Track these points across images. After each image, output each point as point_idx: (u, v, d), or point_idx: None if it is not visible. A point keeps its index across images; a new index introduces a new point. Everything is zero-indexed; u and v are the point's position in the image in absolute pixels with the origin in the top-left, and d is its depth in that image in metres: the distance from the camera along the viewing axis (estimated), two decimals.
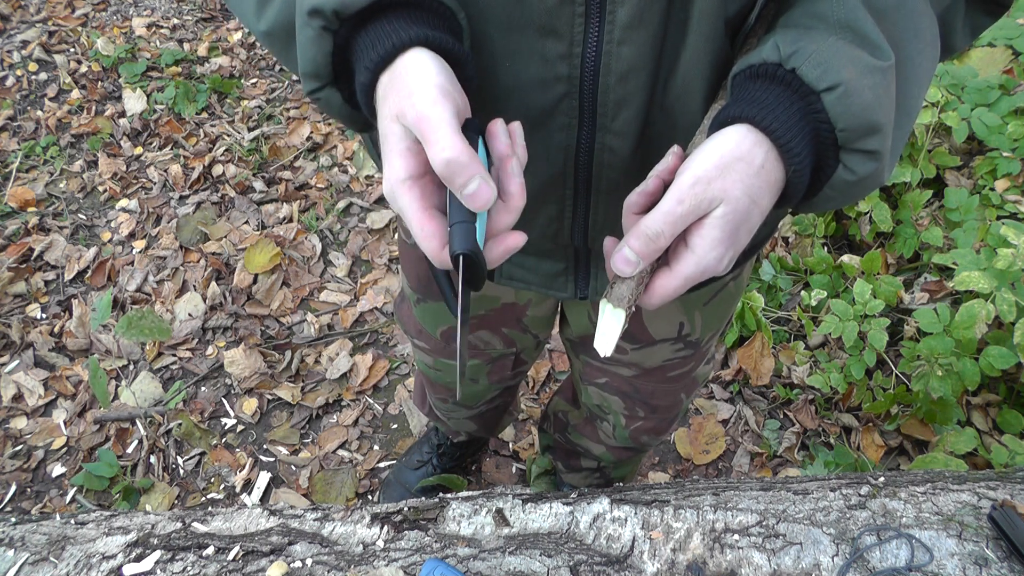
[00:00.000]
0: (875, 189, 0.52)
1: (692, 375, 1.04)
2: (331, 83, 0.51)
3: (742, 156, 0.48)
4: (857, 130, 0.47)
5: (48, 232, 2.29)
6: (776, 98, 0.48)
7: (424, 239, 0.46)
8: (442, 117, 0.44)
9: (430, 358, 1.16)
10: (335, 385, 1.91)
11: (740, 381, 1.85)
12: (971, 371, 1.44)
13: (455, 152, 0.43)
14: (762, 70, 0.50)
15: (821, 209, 0.55)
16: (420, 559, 0.77)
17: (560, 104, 0.58)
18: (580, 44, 0.54)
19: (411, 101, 0.44)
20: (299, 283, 2.14)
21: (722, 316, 0.95)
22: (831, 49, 0.47)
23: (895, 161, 0.53)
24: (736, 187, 0.48)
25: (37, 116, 2.67)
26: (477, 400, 1.29)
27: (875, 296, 1.62)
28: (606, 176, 0.64)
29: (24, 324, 2.04)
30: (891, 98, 0.48)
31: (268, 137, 2.59)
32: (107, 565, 0.79)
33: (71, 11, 3.14)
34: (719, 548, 0.77)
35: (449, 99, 0.45)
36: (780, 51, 0.49)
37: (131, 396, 1.87)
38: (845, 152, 0.48)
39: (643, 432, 1.14)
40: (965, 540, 0.75)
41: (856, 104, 0.46)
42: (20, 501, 1.72)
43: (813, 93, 0.47)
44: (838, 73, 0.47)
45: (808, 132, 0.48)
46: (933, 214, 1.78)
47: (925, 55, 0.52)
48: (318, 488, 1.72)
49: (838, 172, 0.49)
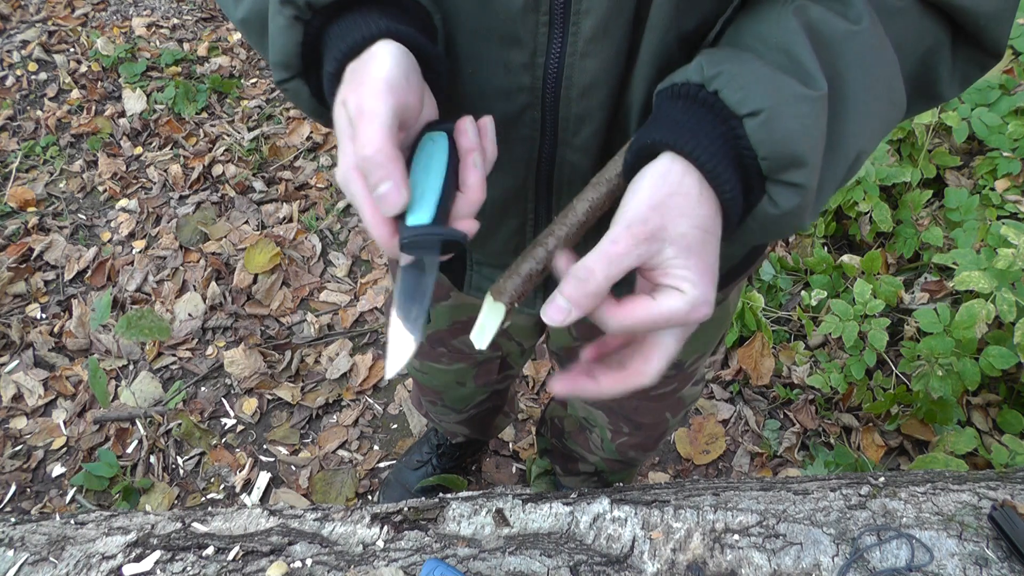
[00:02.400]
0: (793, 232, 0.49)
1: (677, 396, 1.03)
2: (300, 74, 0.50)
3: (675, 190, 0.45)
4: (780, 159, 0.44)
5: (48, 232, 2.29)
6: (698, 121, 0.46)
7: (374, 227, 0.45)
8: (376, 112, 0.43)
9: (417, 360, 1.16)
10: (335, 385, 1.91)
11: (740, 381, 1.85)
12: (971, 371, 1.44)
13: (373, 150, 0.42)
14: (684, 90, 0.47)
15: (740, 242, 0.51)
16: (420, 559, 0.77)
17: (522, 115, 0.57)
18: (543, 54, 0.52)
19: (358, 92, 0.44)
20: (299, 283, 2.14)
21: (707, 340, 0.94)
22: (755, 73, 0.45)
23: (820, 204, 0.49)
24: (679, 223, 0.45)
25: (37, 116, 2.67)
26: (466, 404, 1.29)
27: (875, 296, 1.62)
28: (567, 192, 0.62)
29: (24, 324, 2.04)
30: (821, 130, 0.45)
31: (268, 137, 2.59)
32: (107, 565, 0.79)
33: (71, 11, 3.14)
34: (719, 548, 0.77)
35: (393, 94, 0.44)
36: (704, 71, 0.46)
37: (131, 396, 1.87)
38: (771, 183, 0.46)
39: (629, 447, 1.14)
40: (965, 540, 0.74)
41: (779, 131, 0.44)
42: (20, 501, 1.72)
43: (735, 117, 0.45)
44: (761, 99, 0.44)
45: (732, 158, 0.46)
46: (933, 214, 1.78)
47: (874, 94, 0.48)
48: (318, 488, 1.72)
49: (762, 204, 0.47)
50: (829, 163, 0.47)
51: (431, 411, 1.38)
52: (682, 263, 0.45)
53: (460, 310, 0.97)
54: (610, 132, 0.58)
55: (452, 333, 1.03)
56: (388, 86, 0.44)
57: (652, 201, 0.45)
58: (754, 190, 0.47)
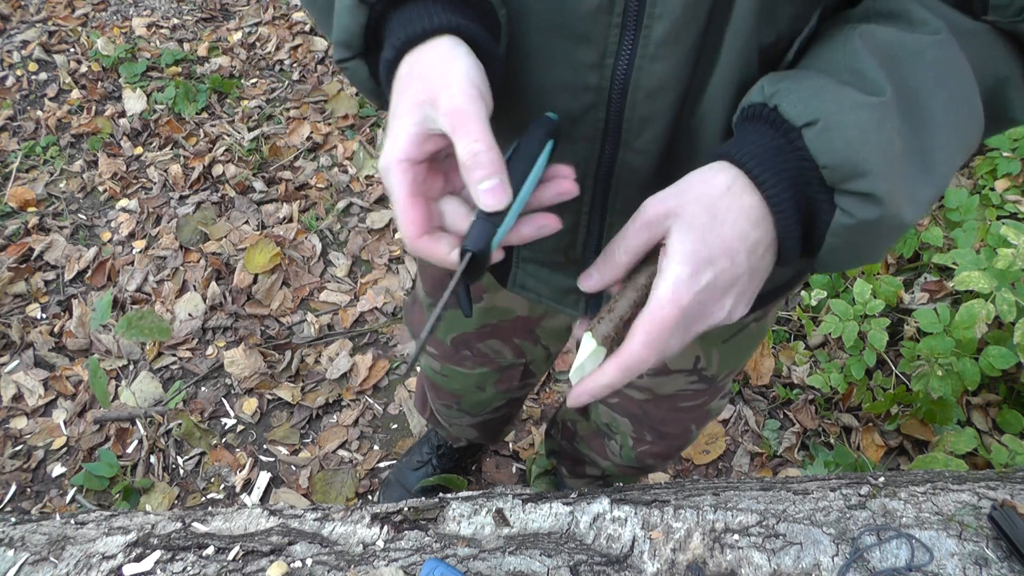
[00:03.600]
0: (897, 235, 0.49)
1: (705, 408, 1.02)
2: (361, 55, 0.50)
3: (703, 179, 0.48)
4: (841, 168, 0.45)
5: (48, 232, 2.29)
6: (758, 135, 0.48)
7: (404, 223, 0.46)
8: (478, 115, 0.44)
9: (437, 363, 1.15)
10: (335, 385, 1.91)
11: (740, 381, 1.85)
12: (971, 371, 1.44)
13: (485, 145, 0.43)
14: (750, 112, 0.49)
15: (835, 265, 0.51)
16: (420, 559, 0.77)
17: (586, 115, 0.57)
18: (612, 55, 0.53)
19: (447, 92, 0.44)
20: (299, 283, 2.14)
21: (740, 356, 0.94)
22: (814, 86, 0.46)
23: (918, 210, 0.48)
24: (690, 205, 0.47)
25: (37, 116, 2.67)
26: (483, 408, 1.28)
27: (875, 296, 1.62)
28: (623, 194, 0.62)
29: (24, 324, 2.04)
30: (884, 138, 0.45)
31: (268, 137, 2.59)
32: (107, 565, 0.79)
33: (71, 11, 3.14)
34: (719, 548, 0.77)
35: (483, 100, 0.45)
36: (764, 91, 0.48)
37: (131, 396, 1.87)
38: (838, 194, 0.46)
39: (649, 456, 1.13)
40: (965, 540, 0.74)
41: (838, 140, 0.44)
42: (20, 501, 1.72)
43: (794, 130, 0.46)
44: (818, 109, 0.45)
45: (788, 167, 0.46)
46: (933, 214, 1.78)
47: (953, 107, 0.49)
48: (318, 488, 1.72)
49: (836, 216, 0.47)
50: (914, 176, 0.47)
51: (443, 414, 1.36)
52: (676, 238, 0.46)
53: (491, 313, 0.96)
54: (673, 136, 0.58)
55: (479, 336, 1.02)
56: (478, 91, 0.45)
57: (679, 188, 0.48)
58: (822, 205, 0.47)
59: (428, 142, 0.46)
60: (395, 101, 0.47)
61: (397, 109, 0.46)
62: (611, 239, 0.54)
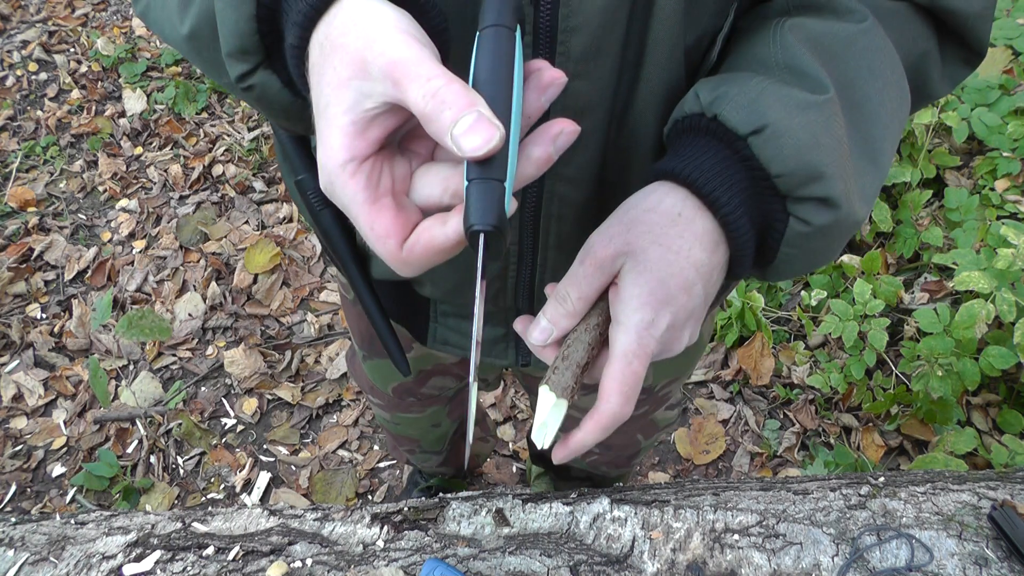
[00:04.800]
0: (850, 234, 0.46)
1: (649, 419, 1.00)
2: (264, 62, 0.40)
3: (650, 208, 0.44)
4: (795, 175, 0.42)
5: (48, 232, 2.29)
6: (700, 149, 0.44)
7: (377, 240, 0.35)
8: (422, 55, 0.33)
9: (387, 413, 1.12)
10: (335, 385, 1.91)
11: (740, 381, 1.85)
12: (971, 371, 1.44)
13: (444, 79, 0.32)
14: (686, 124, 0.45)
15: (788, 274, 0.48)
16: (420, 559, 0.77)
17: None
18: None
19: (375, 48, 0.33)
20: (299, 283, 2.14)
21: (679, 365, 0.91)
22: (755, 90, 0.43)
23: (868, 205, 0.46)
24: (641, 239, 0.43)
25: (37, 116, 2.67)
26: (444, 441, 1.26)
27: (875, 296, 1.62)
28: (555, 230, 0.57)
29: (24, 324, 2.04)
30: (834, 137, 0.42)
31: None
32: (107, 565, 0.79)
33: (71, 11, 3.14)
34: (719, 548, 0.77)
35: (423, 43, 0.35)
36: (700, 100, 0.44)
37: (131, 396, 1.87)
38: (792, 202, 0.43)
39: (602, 464, 1.13)
40: (965, 540, 0.75)
41: (788, 145, 0.41)
42: (20, 501, 1.72)
43: (740, 139, 0.42)
44: (763, 114, 0.42)
45: (738, 180, 0.43)
46: (933, 214, 1.78)
47: (887, 94, 0.47)
48: (318, 488, 1.72)
49: (790, 225, 0.44)
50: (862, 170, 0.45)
51: (413, 459, 1.35)
52: (631, 280, 0.43)
53: (424, 360, 0.94)
54: (606, 158, 0.53)
55: (419, 383, 1.00)
56: (412, 36, 0.34)
57: (627, 218, 0.44)
58: (777, 215, 0.44)
59: (372, 126, 0.35)
60: (315, 94, 0.36)
61: (319, 102, 0.36)
62: (547, 281, 0.50)
